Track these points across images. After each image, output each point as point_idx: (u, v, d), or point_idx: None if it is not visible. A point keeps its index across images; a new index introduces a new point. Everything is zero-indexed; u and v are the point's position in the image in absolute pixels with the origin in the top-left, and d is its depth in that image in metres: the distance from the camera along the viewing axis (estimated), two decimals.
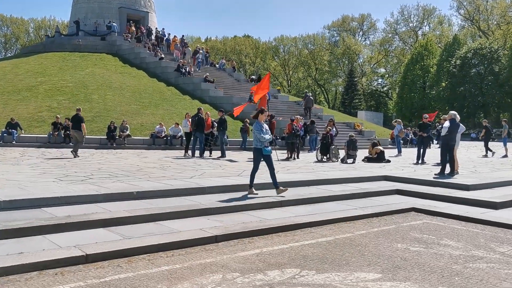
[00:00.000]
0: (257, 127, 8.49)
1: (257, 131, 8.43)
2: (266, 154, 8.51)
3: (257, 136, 8.45)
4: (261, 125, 8.53)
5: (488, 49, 58.26)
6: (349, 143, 15.51)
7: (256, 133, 8.45)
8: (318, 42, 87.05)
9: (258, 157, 8.57)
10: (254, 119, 8.76)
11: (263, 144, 8.45)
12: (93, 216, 6.26)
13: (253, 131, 8.56)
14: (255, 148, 8.56)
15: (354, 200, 9.01)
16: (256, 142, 8.52)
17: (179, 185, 8.60)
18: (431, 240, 6.27)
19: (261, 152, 8.47)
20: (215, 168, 12.42)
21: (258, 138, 8.45)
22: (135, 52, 36.90)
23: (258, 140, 8.47)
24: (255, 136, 8.51)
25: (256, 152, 8.57)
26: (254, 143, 8.57)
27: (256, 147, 8.53)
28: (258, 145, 8.47)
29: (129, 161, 13.96)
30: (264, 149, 8.46)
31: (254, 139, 8.59)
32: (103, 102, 25.88)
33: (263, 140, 8.41)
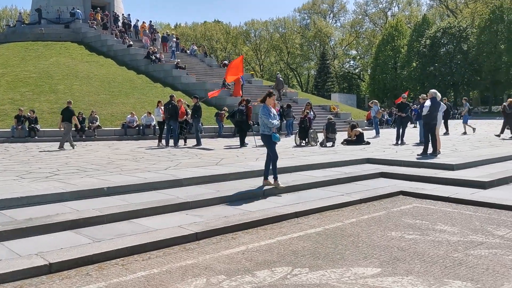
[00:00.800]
0: (264, 112, 7.76)
1: (265, 116, 7.71)
2: (274, 141, 7.83)
3: (264, 121, 7.74)
4: (268, 109, 7.81)
5: (457, 28, 58.88)
6: (327, 126, 15.14)
7: (264, 118, 7.72)
8: (289, 25, 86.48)
9: (269, 143, 7.85)
10: (262, 103, 8.04)
11: (271, 130, 7.75)
12: (58, 217, 5.64)
13: (259, 116, 7.84)
14: (264, 135, 7.87)
15: (338, 185, 8.63)
16: (264, 128, 7.81)
17: (154, 178, 8.02)
18: (425, 226, 5.92)
19: (270, 138, 7.75)
20: (191, 157, 11.84)
21: (265, 123, 7.74)
22: (101, 39, 35.53)
23: (265, 125, 7.77)
24: (262, 122, 7.80)
25: (264, 138, 7.90)
26: (262, 129, 7.86)
27: (264, 133, 7.84)
28: (266, 131, 7.79)
29: (100, 153, 13.23)
30: (273, 135, 7.73)
31: (261, 125, 7.88)
32: (70, 93, 24.72)
33: (271, 126, 7.72)
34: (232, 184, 8.21)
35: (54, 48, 34.09)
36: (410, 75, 62.26)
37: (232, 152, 13.30)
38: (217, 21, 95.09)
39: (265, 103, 7.92)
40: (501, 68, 54.56)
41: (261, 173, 8.97)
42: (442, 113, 11.87)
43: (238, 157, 11.71)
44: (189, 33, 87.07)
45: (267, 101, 7.91)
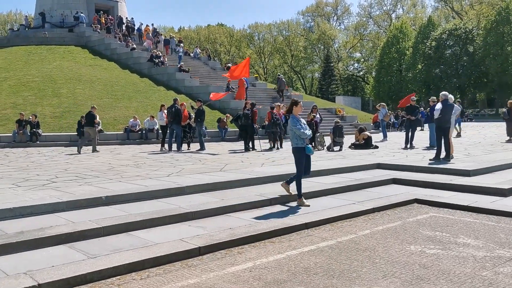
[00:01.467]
0: (294, 122, 7.02)
1: (296, 127, 6.97)
2: (307, 154, 7.13)
3: (295, 132, 6.99)
4: (297, 119, 7.09)
5: (463, 30, 58.34)
6: (335, 130, 14.72)
7: (295, 129, 6.97)
8: (293, 28, 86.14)
9: (301, 157, 7.10)
10: (288, 113, 7.30)
11: (304, 141, 7.05)
12: (51, 230, 5.26)
13: (289, 127, 7.13)
14: (296, 148, 7.10)
15: (349, 193, 8.21)
16: (296, 140, 7.05)
17: (155, 186, 7.62)
18: (447, 239, 5.49)
19: (304, 152, 7.04)
20: (194, 163, 11.45)
21: (297, 134, 6.99)
22: (105, 43, 35.30)
23: (297, 137, 7.03)
24: (293, 133, 7.07)
25: (298, 152, 7.10)
26: (294, 142, 7.09)
27: (298, 146, 7.07)
28: (300, 144, 7.04)
29: (101, 159, 12.86)
30: (307, 147, 7.04)
31: (292, 137, 7.13)
32: (73, 97, 24.47)
33: (305, 137, 7.00)
34: (237, 191, 7.81)
35: (58, 52, 33.90)
36: (415, 77, 61.70)
37: (237, 157, 12.91)
38: (220, 24, 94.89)
39: (292, 113, 7.15)
40: (508, 70, 53.96)
41: (268, 179, 8.63)
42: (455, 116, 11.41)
43: (243, 163, 11.32)
44: (192, 36, 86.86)
45: (294, 111, 7.15)
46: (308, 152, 7.08)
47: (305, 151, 7.06)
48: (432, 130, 15.29)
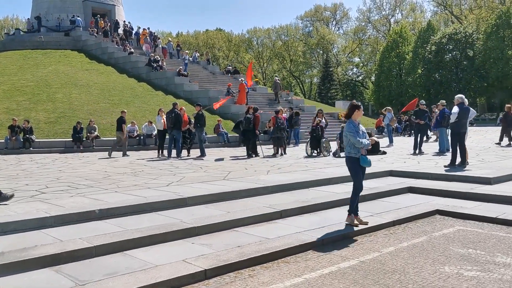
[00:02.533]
0: (350, 128, 6.03)
1: (351, 134, 5.99)
2: (363, 166, 6.15)
3: (351, 140, 6.01)
4: (355, 125, 6.07)
5: (463, 34, 57.99)
6: (341, 135, 14.07)
7: (350, 137, 6.00)
8: (292, 33, 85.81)
9: (355, 168, 6.14)
10: (346, 118, 6.34)
11: (359, 151, 6.05)
12: (36, 251, 4.62)
13: (344, 134, 6.18)
14: (350, 158, 6.13)
15: (364, 203, 7.56)
16: (350, 149, 6.09)
17: (154, 197, 6.99)
18: (483, 258, 4.87)
19: (358, 162, 6.08)
20: (195, 170, 10.82)
21: (353, 143, 6.00)
22: (102, 47, 34.73)
23: (352, 146, 6.06)
24: (348, 141, 6.12)
25: (350, 162, 6.16)
26: (347, 151, 6.16)
27: (350, 156, 6.12)
28: (353, 153, 6.07)
29: (96, 166, 12.22)
30: (363, 158, 6.04)
31: (346, 145, 6.19)
32: (68, 102, 23.82)
33: (360, 146, 5.98)
34: (244, 202, 7.18)
35: (54, 56, 33.31)
36: (415, 82, 61.25)
37: (240, 164, 12.29)
38: (219, 29, 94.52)
39: (351, 118, 6.18)
40: (509, 74, 53.54)
41: (276, 189, 8.02)
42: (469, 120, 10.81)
43: (247, 170, 10.69)
44: (191, 41, 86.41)
45: (353, 116, 6.16)
46: (363, 163, 6.08)
47: (359, 162, 6.08)
48: (442, 135, 14.74)
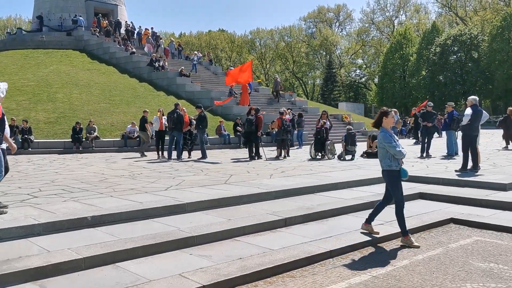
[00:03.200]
0: (387, 139, 5.40)
1: (389, 144, 5.37)
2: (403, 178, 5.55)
3: (391, 152, 5.39)
4: (390, 134, 5.49)
5: (468, 36, 57.48)
6: (347, 138, 13.70)
7: (389, 148, 5.38)
8: (295, 34, 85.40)
9: (395, 182, 5.54)
10: (376, 127, 5.65)
11: (398, 162, 5.47)
12: (19, 263, 4.23)
13: (378, 144, 5.57)
14: (391, 171, 5.51)
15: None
16: (389, 161, 5.47)
17: (151, 203, 6.60)
18: (507, 274, 4.46)
19: (398, 175, 5.50)
20: (196, 173, 10.43)
21: (393, 154, 5.39)
22: (104, 47, 34.42)
23: (390, 157, 5.44)
24: (384, 152, 5.49)
25: (390, 176, 5.54)
26: (387, 164, 5.51)
27: (391, 169, 5.50)
28: (394, 166, 5.46)
29: (94, 168, 11.84)
30: (402, 170, 5.48)
31: (382, 157, 5.54)
32: (69, 102, 23.49)
33: (399, 157, 5.42)
34: (246, 209, 6.78)
35: (55, 56, 33.02)
36: (419, 83, 60.78)
37: (242, 167, 11.90)
38: (221, 30, 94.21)
39: (382, 126, 5.54)
40: None
41: (280, 194, 7.61)
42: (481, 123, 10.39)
43: (249, 173, 10.30)
44: (193, 42, 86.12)
45: (384, 123, 5.51)
46: (404, 176, 5.50)
47: (400, 175, 5.51)
48: (450, 137, 14.32)
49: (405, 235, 5.54)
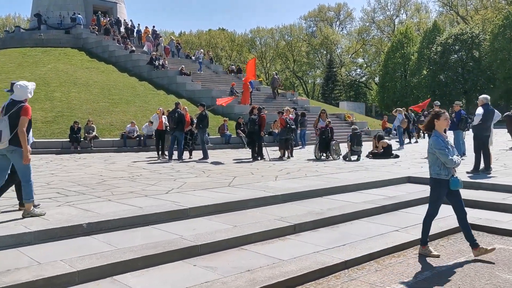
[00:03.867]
0: (438, 144, 4.81)
1: (440, 150, 4.79)
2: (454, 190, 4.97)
3: (441, 159, 4.82)
4: (443, 139, 4.87)
5: (469, 34, 57.10)
6: (352, 138, 13.31)
7: (439, 154, 4.80)
8: (295, 33, 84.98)
9: (440, 193, 4.98)
10: (428, 131, 5.05)
11: (449, 171, 4.87)
12: (6, 277, 3.85)
13: (429, 149, 4.97)
14: (439, 180, 4.91)
15: (385, 215, 6.82)
16: (440, 170, 4.88)
17: (151, 208, 6.22)
18: None
19: (447, 186, 4.89)
20: (197, 175, 10.05)
21: (443, 162, 4.82)
22: (103, 45, 34.01)
23: (439, 165, 4.87)
24: (434, 159, 4.91)
25: (438, 186, 4.94)
26: (436, 172, 4.92)
27: (439, 178, 4.90)
28: (443, 174, 4.87)
29: (92, 169, 11.46)
30: (454, 181, 4.88)
31: (432, 163, 4.97)
32: (67, 100, 23.11)
33: (452, 166, 4.85)
34: (252, 214, 6.41)
35: (53, 54, 32.63)
36: (420, 83, 60.43)
37: (245, 168, 11.51)
38: (222, 29, 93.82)
39: (435, 129, 4.95)
40: None
41: (287, 198, 7.24)
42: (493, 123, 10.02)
43: (253, 175, 9.91)
44: (193, 41, 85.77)
45: (436, 126, 4.93)
46: (454, 187, 4.89)
47: (449, 185, 4.90)
48: (457, 137, 13.94)
49: (424, 244, 5.17)
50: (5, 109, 5.68)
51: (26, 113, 5.64)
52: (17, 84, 5.81)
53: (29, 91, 5.90)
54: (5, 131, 5.49)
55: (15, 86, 5.79)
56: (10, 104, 5.73)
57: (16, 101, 5.72)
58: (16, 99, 5.74)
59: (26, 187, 5.69)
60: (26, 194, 5.67)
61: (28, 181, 5.74)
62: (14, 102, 5.73)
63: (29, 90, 5.90)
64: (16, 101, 5.72)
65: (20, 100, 5.75)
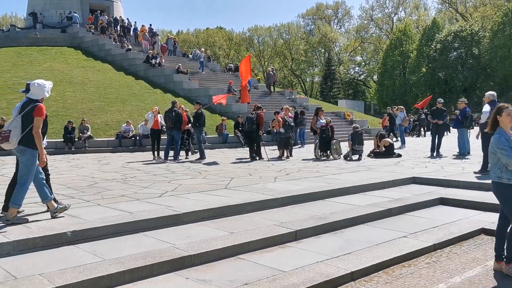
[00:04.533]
0: (501, 143, 4.24)
1: (501, 150, 4.21)
2: None
3: (501, 158, 4.25)
4: (508, 138, 4.27)
5: (469, 31, 56.74)
6: (354, 137, 12.92)
7: (499, 153, 4.23)
8: (293, 31, 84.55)
9: (504, 199, 4.33)
10: (492, 130, 4.43)
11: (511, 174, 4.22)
12: None
13: (490, 148, 4.37)
14: (501, 184, 4.31)
15: (391, 219, 6.44)
16: (499, 172, 4.31)
17: (143, 213, 5.83)
18: None
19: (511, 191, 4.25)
20: (193, 176, 9.66)
21: (504, 163, 4.22)
22: (99, 44, 33.57)
23: (501, 167, 4.29)
24: (494, 160, 4.36)
25: (502, 191, 4.32)
26: (497, 174, 4.34)
27: (501, 182, 4.30)
28: (506, 179, 4.25)
29: (84, 170, 11.06)
30: None
31: (493, 165, 4.41)
32: (62, 100, 22.71)
33: None
34: (250, 219, 6.03)
35: (49, 53, 32.20)
36: (420, 80, 60.04)
37: (243, 168, 11.13)
38: (219, 27, 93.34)
39: (499, 126, 4.38)
40: None
41: (287, 201, 6.86)
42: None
43: (252, 176, 9.53)
44: (191, 39, 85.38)
45: (500, 123, 4.37)
46: None
47: None
48: (462, 136, 13.58)
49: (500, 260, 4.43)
50: (21, 108, 5.51)
51: (40, 113, 5.41)
52: (34, 82, 5.63)
53: (46, 90, 5.72)
54: (14, 131, 5.28)
55: (32, 84, 5.61)
56: (25, 103, 5.54)
57: (31, 100, 5.52)
58: (32, 98, 5.54)
59: (20, 191, 5.36)
60: (15, 197, 5.34)
61: (24, 185, 5.40)
62: (30, 101, 5.52)
63: (47, 89, 5.72)
64: (32, 100, 5.51)
65: (36, 99, 5.55)
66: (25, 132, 5.30)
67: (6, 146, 5.32)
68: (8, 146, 5.31)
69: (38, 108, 5.41)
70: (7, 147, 5.34)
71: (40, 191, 5.61)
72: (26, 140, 5.32)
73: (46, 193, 5.59)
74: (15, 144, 5.29)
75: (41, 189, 5.60)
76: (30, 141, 5.31)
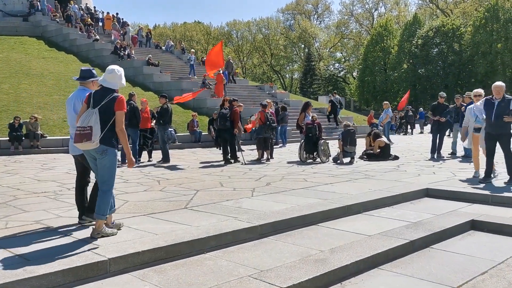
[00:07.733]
0: None
1: None
2: None
3: None
4: None
5: (450, 26, 55.85)
6: (345, 136, 11.02)
7: None
8: (273, 26, 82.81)
9: None
10: None
11: None
12: None
13: None
14: None
15: (414, 256, 4.55)
16: None
17: (49, 258, 3.78)
18: None
19: None
20: (148, 188, 7.61)
21: None
22: (63, 33, 31.05)
23: None
24: None
25: None
26: None
27: None
28: None
29: (15, 178, 8.90)
30: None
31: None
32: (15, 93, 20.28)
33: None
34: (212, 264, 4.04)
35: (7, 43, 29.52)
36: (401, 77, 58.95)
37: (213, 175, 9.13)
38: (197, 21, 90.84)
39: None
40: (498, 69, 51.66)
41: (266, 229, 4.94)
42: None
43: (223, 187, 7.54)
44: (168, 33, 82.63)
45: None
46: None
47: None
48: None
49: None
50: (93, 99, 4.46)
51: (122, 106, 4.47)
52: (112, 67, 4.62)
53: (123, 78, 4.69)
54: (96, 127, 4.31)
55: (109, 69, 4.59)
56: (97, 94, 4.51)
57: (106, 90, 4.51)
58: (108, 87, 4.52)
59: (104, 197, 4.43)
60: (100, 207, 4.38)
61: (107, 191, 4.47)
62: (104, 90, 4.51)
63: (123, 77, 4.69)
64: (107, 90, 4.50)
65: (112, 88, 4.54)
66: (106, 129, 4.36)
67: (86, 146, 4.32)
68: (89, 146, 4.30)
69: (120, 100, 4.46)
70: (87, 147, 4.33)
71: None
72: (107, 138, 4.40)
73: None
74: (97, 143, 4.32)
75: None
76: (113, 139, 4.45)
